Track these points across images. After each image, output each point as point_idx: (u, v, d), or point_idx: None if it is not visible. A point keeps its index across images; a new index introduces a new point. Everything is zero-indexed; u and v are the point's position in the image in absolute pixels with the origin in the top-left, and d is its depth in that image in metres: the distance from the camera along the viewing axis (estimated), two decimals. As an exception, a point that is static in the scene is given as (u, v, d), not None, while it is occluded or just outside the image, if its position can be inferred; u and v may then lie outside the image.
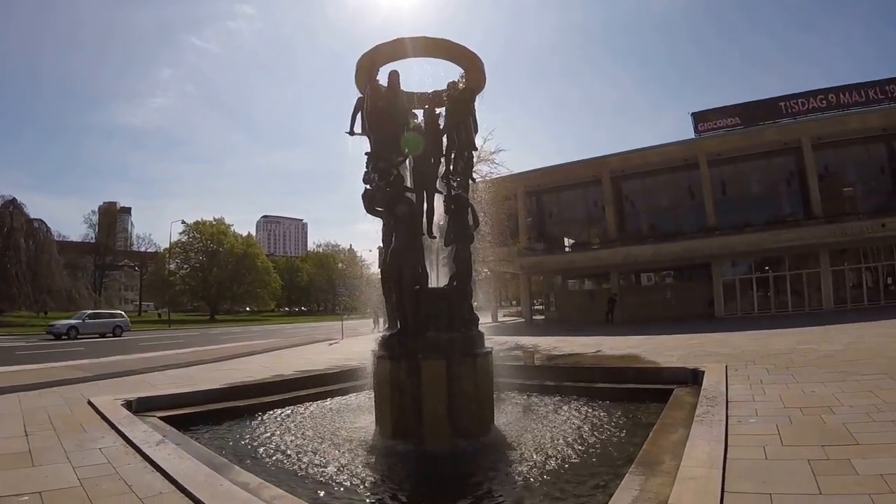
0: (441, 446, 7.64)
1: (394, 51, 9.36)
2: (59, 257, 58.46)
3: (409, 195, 9.01)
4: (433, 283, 9.42)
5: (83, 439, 6.93)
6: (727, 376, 9.84)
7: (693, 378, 10.28)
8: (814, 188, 32.51)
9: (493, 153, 26.39)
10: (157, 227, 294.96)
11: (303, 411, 10.35)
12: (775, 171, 35.56)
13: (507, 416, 9.22)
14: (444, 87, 9.92)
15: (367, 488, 6.14)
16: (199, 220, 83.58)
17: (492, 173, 26.64)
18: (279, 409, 10.35)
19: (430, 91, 10.39)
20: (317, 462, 6.98)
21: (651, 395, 9.96)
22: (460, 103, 9.69)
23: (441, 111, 9.85)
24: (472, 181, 10.51)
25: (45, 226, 58.13)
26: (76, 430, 7.44)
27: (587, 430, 8.21)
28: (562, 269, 41.11)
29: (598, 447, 7.37)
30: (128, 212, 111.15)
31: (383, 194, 8.79)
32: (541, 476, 6.30)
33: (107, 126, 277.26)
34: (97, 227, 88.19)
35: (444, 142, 9.72)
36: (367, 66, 9.49)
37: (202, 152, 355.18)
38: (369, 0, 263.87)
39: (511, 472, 6.58)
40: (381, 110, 9.16)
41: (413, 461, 7.31)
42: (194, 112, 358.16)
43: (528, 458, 6.96)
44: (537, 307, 45.25)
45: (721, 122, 38.24)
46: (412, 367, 8.00)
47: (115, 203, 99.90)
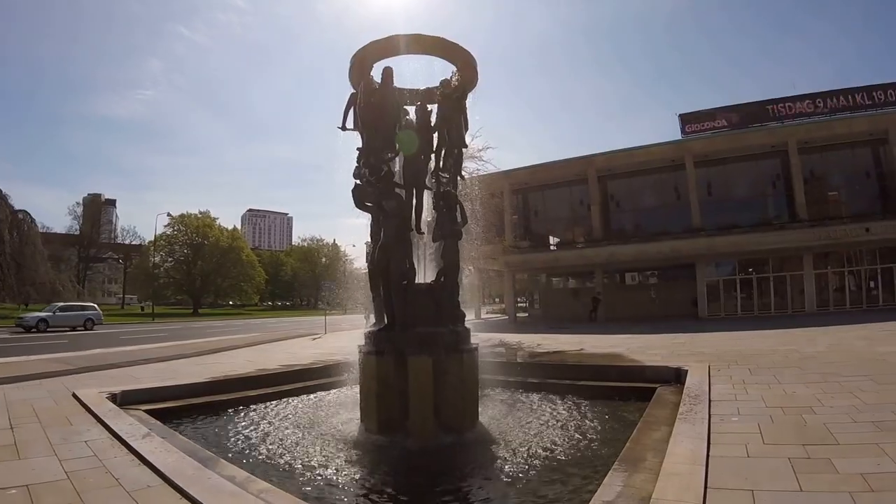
0: (426, 441, 7.69)
1: (388, 47, 9.36)
2: (43, 249, 57.99)
3: (399, 191, 9.03)
4: (420, 278, 9.42)
5: (69, 432, 6.91)
6: (710, 376, 9.95)
7: (676, 377, 10.38)
8: (799, 191, 32.75)
9: (480, 150, 26.47)
10: (143, 219, 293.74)
11: (287, 406, 10.35)
12: (761, 173, 35.74)
13: (491, 413, 9.27)
14: (437, 84, 9.93)
15: (352, 482, 6.17)
16: (185, 212, 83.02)
17: (479, 170, 26.74)
18: (263, 404, 10.37)
19: (422, 88, 10.41)
20: (302, 456, 6.99)
21: (634, 393, 10.06)
22: (452, 101, 9.72)
23: (433, 108, 9.87)
24: (461, 178, 10.55)
25: (30, 217, 57.71)
26: (62, 423, 7.41)
27: (571, 427, 8.28)
28: (546, 267, 41.21)
29: (581, 444, 7.43)
30: (112, 204, 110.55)
31: (373, 190, 8.79)
32: (525, 472, 6.35)
33: (93, 116, 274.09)
34: (81, 218, 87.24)
35: (435, 139, 9.75)
36: (361, 62, 9.50)
37: (190, 144, 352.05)
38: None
39: (496, 467, 6.63)
40: (373, 106, 9.20)
41: (398, 456, 7.35)
42: (183, 104, 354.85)
43: (513, 454, 7.01)
44: (521, 305, 45.31)
45: (708, 123, 38.57)
46: (399, 363, 8.05)
47: (100, 195, 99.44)
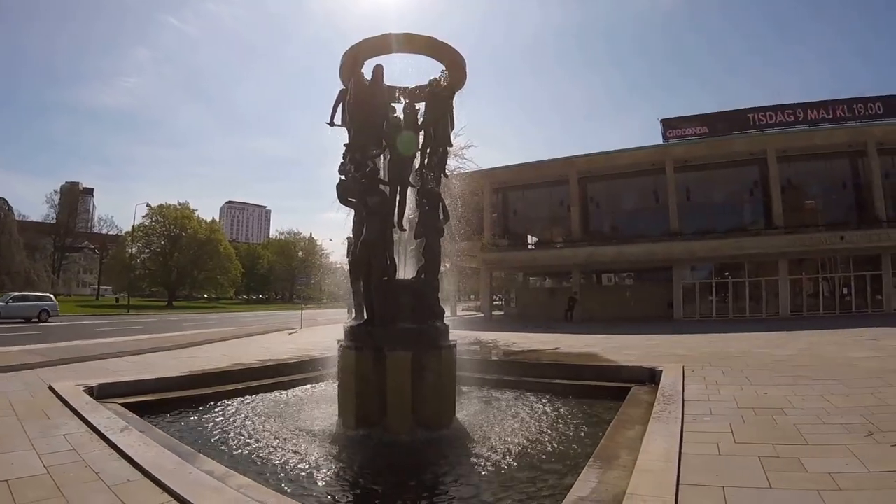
0: (403, 437, 7.74)
1: (380, 45, 9.41)
2: (18, 238, 57.36)
3: (383, 188, 9.07)
4: (401, 275, 9.48)
5: (47, 426, 6.85)
6: (684, 376, 10.10)
7: (651, 377, 10.51)
8: (776, 199, 33.30)
9: (462, 148, 26.52)
10: (121, 209, 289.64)
11: (264, 400, 10.33)
12: (740, 180, 36.38)
13: (468, 409, 9.35)
14: (425, 83, 10.00)
15: (329, 477, 6.21)
16: (164, 203, 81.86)
17: (460, 168, 26.77)
18: (240, 398, 10.33)
19: (411, 85, 10.45)
20: (279, 451, 7.01)
21: (609, 392, 10.15)
22: (440, 100, 9.79)
23: (420, 106, 9.93)
24: (445, 176, 10.62)
25: (7, 204, 57.16)
26: (39, 416, 7.34)
27: (546, 425, 8.37)
28: (524, 265, 41.50)
29: (557, 441, 7.52)
30: (90, 193, 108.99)
31: (358, 185, 8.82)
32: (502, 468, 6.42)
33: (77, 104, 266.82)
34: (58, 207, 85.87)
35: (421, 137, 9.81)
36: (352, 59, 9.52)
37: (172, 135, 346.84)
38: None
39: (472, 463, 6.69)
40: (362, 103, 9.23)
41: (375, 451, 7.38)
42: (168, 94, 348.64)
43: (489, 450, 7.08)
44: (497, 302, 45.48)
45: (690, 129, 39.03)
46: (377, 358, 8.09)
47: (78, 183, 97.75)
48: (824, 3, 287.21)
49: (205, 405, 9.76)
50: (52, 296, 39.66)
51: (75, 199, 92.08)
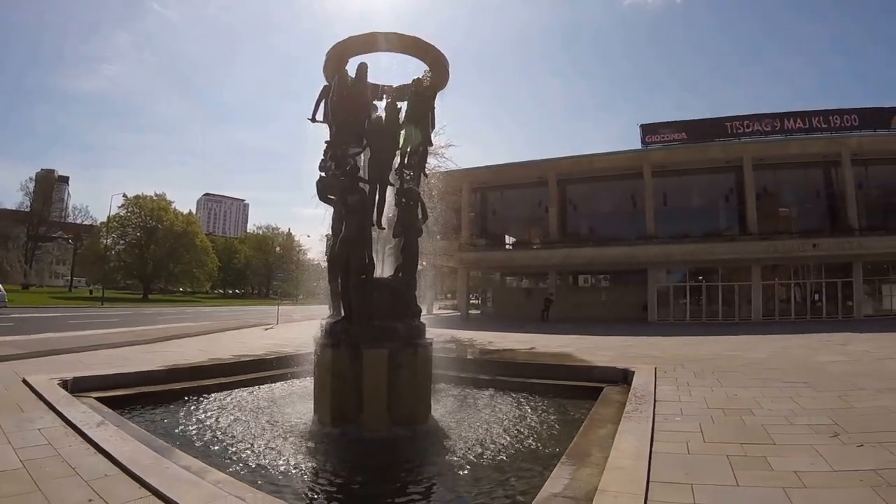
0: (380, 433, 7.77)
1: (365, 43, 9.46)
2: (-9, 226, 56.32)
3: (363, 186, 9.09)
4: (378, 273, 9.50)
5: (21, 419, 6.78)
6: (656, 377, 10.27)
7: (623, 378, 10.65)
8: (751, 206, 33.92)
9: (443, 147, 26.52)
10: (97, 198, 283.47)
11: (240, 396, 10.32)
12: (716, 186, 36.94)
13: (443, 407, 9.43)
14: (408, 82, 10.04)
15: (305, 473, 6.24)
16: (141, 194, 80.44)
17: (440, 167, 26.74)
18: (216, 394, 10.30)
19: (394, 84, 10.47)
20: (255, 447, 7.01)
21: (582, 392, 10.29)
22: (422, 100, 9.85)
23: (402, 105, 9.96)
24: (424, 176, 10.68)
25: (-21, 192, 55.92)
26: (13, 410, 7.27)
27: (521, 423, 8.47)
28: (501, 265, 41.74)
29: (531, 439, 7.62)
30: (65, 181, 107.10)
31: (338, 183, 8.86)
32: (476, 465, 6.51)
33: (56, 89, 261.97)
34: (33, 195, 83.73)
35: (402, 136, 9.86)
36: (337, 56, 9.55)
37: (151, 123, 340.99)
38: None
39: (447, 460, 6.77)
40: (345, 101, 9.26)
41: (351, 447, 7.40)
42: (149, 81, 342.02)
43: (464, 448, 7.16)
44: (473, 302, 45.60)
45: (668, 135, 39.52)
46: (354, 355, 8.11)
47: (53, 171, 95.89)
48: (811, 13, 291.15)
49: (180, 400, 9.70)
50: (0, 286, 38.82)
51: (50, 187, 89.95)
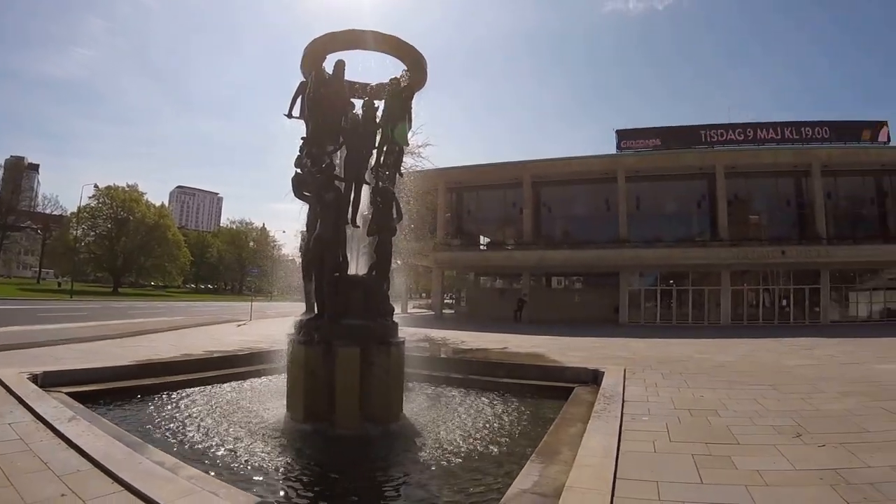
0: (352, 431, 7.80)
1: (344, 41, 9.41)
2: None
3: (338, 183, 9.11)
4: (352, 271, 9.51)
5: (-9, 414, 6.72)
6: (625, 378, 10.45)
7: (594, 378, 10.78)
8: (722, 212, 34.67)
9: (420, 147, 26.56)
10: (66, 188, 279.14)
11: (212, 392, 10.27)
12: (689, 192, 37.63)
13: (415, 405, 9.46)
14: (386, 81, 10.07)
15: (277, 470, 6.24)
16: (112, 185, 78.98)
17: (416, 166, 26.78)
18: (188, 389, 10.24)
19: (371, 82, 10.48)
20: (227, 443, 7.00)
21: (553, 392, 10.40)
22: (400, 99, 9.88)
23: (379, 104, 9.98)
24: (400, 175, 10.72)
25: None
26: (-18, 404, 7.19)
27: (491, 422, 8.55)
28: (476, 266, 41.98)
29: (501, 438, 7.69)
30: (35, 169, 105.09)
31: (313, 180, 8.87)
32: (447, 462, 6.57)
33: (23, 72, 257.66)
34: (1, 183, 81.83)
35: (378, 135, 9.88)
36: (315, 53, 9.52)
37: (124, 112, 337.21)
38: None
39: (418, 457, 6.82)
40: (322, 97, 9.26)
41: (323, 445, 7.44)
42: (121, 68, 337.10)
43: (435, 446, 7.22)
44: (448, 301, 45.72)
45: (643, 141, 40.07)
46: (327, 353, 8.14)
47: (24, 158, 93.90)
48: (796, 20, 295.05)
49: (152, 396, 9.63)
50: None
51: (20, 174, 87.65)
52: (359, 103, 10.11)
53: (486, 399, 10.22)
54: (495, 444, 7.40)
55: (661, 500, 4.59)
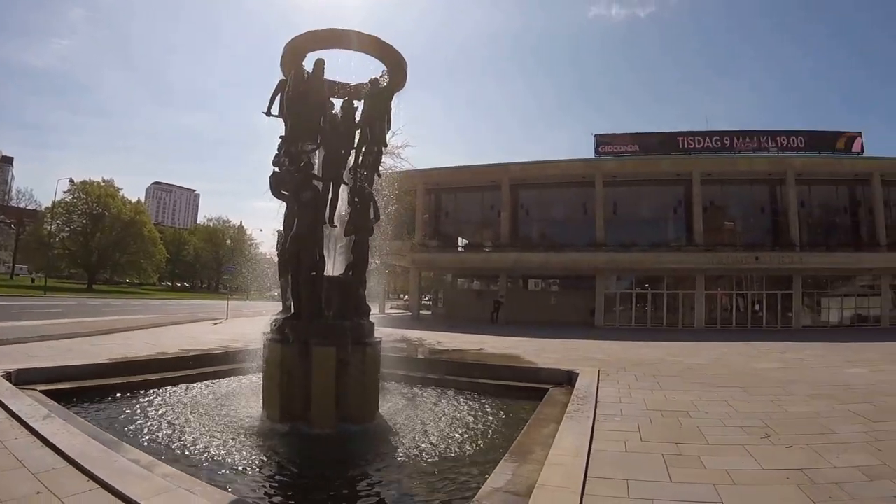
0: (327, 430, 7.83)
1: (325, 40, 9.44)
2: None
3: (316, 183, 9.12)
4: (329, 271, 9.50)
5: (-36, 411, 6.63)
6: (599, 379, 10.58)
7: (568, 379, 10.91)
8: (698, 218, 35.06)
9: (399, 147, 26.56)
10: (40, 182, 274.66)
11: (188, 391, 10.23)
12: (665, 198, 38.07)
13: (391, 405, 9.49)
14: (365, 81, 10.10)
15: (252, 468, 6.25)
16: (88, 179, 78.01)
17: (395, 166, 26.78)
18: (164, 388, 10.19)
19: (351, 82, 10.50)
20: (204, 442, 6.99)
21: (528, 392, 10.49)
22: (379, 100, 9.92)
23: (358, 104, 10.01)
24: (378, 176, 10.75)
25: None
26: (-45, 401, 7.10)
27: (466, 422, 8.62)
28: (453, 267, 42.01)
29: (477, 437, 7.76)
30: (9, 162, 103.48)
31: (291, 179, 8.86)
32: (422, 461, 6.63)
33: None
34: None
35: (357, 135, 9.91)
36: (296, 51, 9.54)
37: (102, 105, 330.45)
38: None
39: (394, 456, 6.87)
40: (301, 96, 9.26)
41: (299, 444, 7.45)
42: (100, 59, 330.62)
43: (411, 445, 7.27)
44: (425, 302, 45.73)
45: (621, 146, 40.25)
46: (303, 352, 8.15)
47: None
48: (785, 29, 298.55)
49: (128, 394, 9.59)
50: None
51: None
52: (338, 103, 10.13)
53: (462, 399, 10.28)
54: (470, 443, 7.46)
55: (630, 497, 4.69)
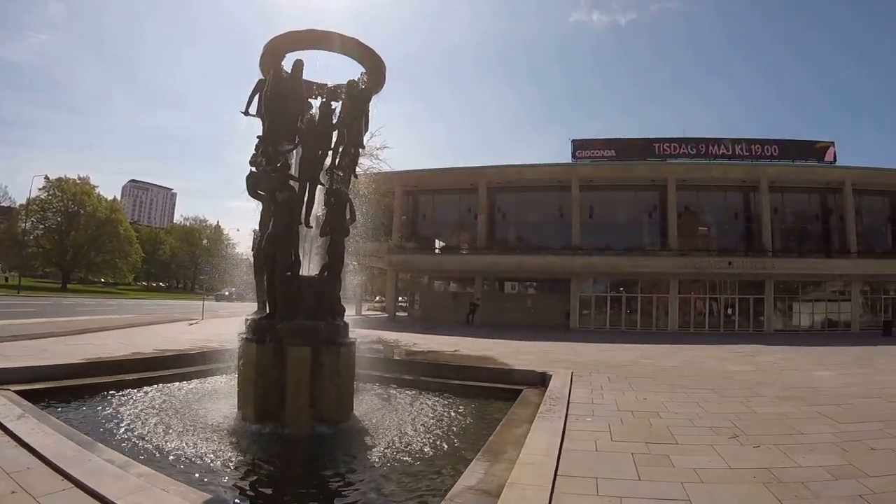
0: (302, 430, 7.84)
1: (304, 40, 9.46)
2: None
3: (293, 183, 9.14)
4: (304, 271, 9.51)
5: (-64, 411, 6.55)
6: (572, 381, 10.74)
7: (541, 381, 11.05)
8: (673, 223, 35.71)
9: (378, 149, 26.58)
10: (16, 178, 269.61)
11: (163, 391, 10.16)
12: (640, 203, 38.66)
13: (366, 406, 9.55)
14: (343, 81, 10.11)
15: (227, 469, 6.25)
16: (63, 176, 76.49)
17: (373, 168, 26.80)
18: (139, 388, 10.11)
19: (329, 83, 10.49)
20: (178, 442, 6.97)
21: (502, 393, 10.62)
22: (357, 102, 9.94)
23: (336, 106, 10.04)
24: (354, 177, 10.78)
25: None
26: (-73, 401, 7.00)
27: (440, 422, 8.70)
28: (430, 269, 42.12)
29: (450, 437, 7.84)
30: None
31: (267, 179, 8.85)
32: (396, 461, 6.68)
33: None
34: None
35: (335, 136, 9.93)
36: (275, 51, 9.55)
37: (78, 101, 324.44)
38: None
39: (368, 456, 6.92)
40: (279, 96, 9.26)
41: (273, 444, 7.45)
42: (79, 56, 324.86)
43: (385, 445, 7.32)
44: (401, 304, 45.74)
45: (598, 151, 40.78)
46: (277, 352, 8.15)
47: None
48: (775, 34, 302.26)
49: (102, 394, 9.52)
50: None
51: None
52: (316, 103, 10.16)
53: (437, 400, 10.37)
54: (444, 443, 7.54)
55: (598, 495, 4.79)
